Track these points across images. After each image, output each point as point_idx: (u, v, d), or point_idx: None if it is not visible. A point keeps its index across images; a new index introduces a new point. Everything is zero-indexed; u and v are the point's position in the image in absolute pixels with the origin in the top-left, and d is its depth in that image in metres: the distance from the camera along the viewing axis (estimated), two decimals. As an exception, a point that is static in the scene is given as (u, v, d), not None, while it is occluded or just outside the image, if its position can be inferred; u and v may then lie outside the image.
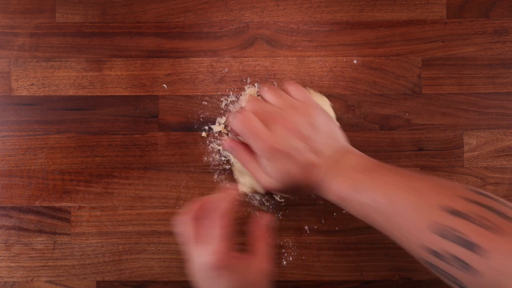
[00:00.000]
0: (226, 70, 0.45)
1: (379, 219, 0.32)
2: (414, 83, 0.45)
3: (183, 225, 0.35)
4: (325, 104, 0.43)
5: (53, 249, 0.45)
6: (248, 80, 0.45)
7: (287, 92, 0.39)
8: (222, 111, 0.45)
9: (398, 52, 0.45)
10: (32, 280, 0.45)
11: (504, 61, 0.45)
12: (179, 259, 0.45)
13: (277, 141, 0.35)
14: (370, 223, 0.34)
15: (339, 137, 0.38)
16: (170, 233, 0.45)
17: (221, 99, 0.45)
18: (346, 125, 0.45)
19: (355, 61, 0.45)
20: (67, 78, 0.45)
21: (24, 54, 0.46)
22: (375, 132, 0.45)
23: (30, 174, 0.45)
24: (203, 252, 0.33)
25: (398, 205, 0.31)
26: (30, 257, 0.45)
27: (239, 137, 0.41)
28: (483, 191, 0.30)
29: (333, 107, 0.44)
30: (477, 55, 0.45)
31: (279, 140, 0.35)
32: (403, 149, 0.45)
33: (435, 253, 0.28)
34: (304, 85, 0.45)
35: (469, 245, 0.27)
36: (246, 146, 0.38)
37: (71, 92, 0.45)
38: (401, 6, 0.46)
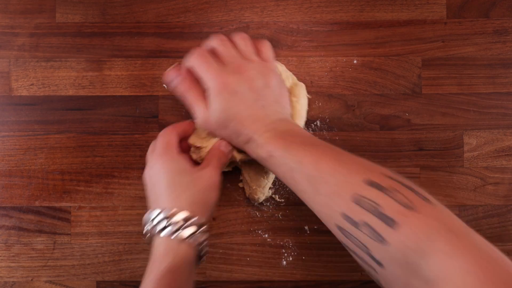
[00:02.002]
0: (226, 70, 0.45)
1: (304, 185, 0.33)
2: (414, 83, 0.45)
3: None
4: (293, 80, 0.44)
5: (53, 249, 0.45)
6: (248, 80, 0.45)
7: (256, 45, 0.39)
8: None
9: (398, 52, 0.45)
10: (32, 280, 0.45)
11: (504, 61, 0.45)
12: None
13: (227, 78, 0.36)
14: (292, 186, 0.35)
15: (285, 107, 0.39)
16: (170, 233, 0.45)
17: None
18: (346, 125, 0.45)
19: (355, 61, 0.45)
20: (67, 78, 0.45)
21: (24, 54, 0.46)
22: (375, 132, 0.45)
23: (30, 174, 0.45)
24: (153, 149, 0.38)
25: (325, 173, 0.32)
26: (30, 257, 0.45)
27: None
28: (403, 176, 0.31)
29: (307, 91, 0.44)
30: (477, 55, 0.45)
31: (230, 78, 0.36)
32: (403, 149, 0.45)
33: (353, 222, 0.30)
34: (305, 85, 0.45)
35: (383, 217, 0.28)
36: (193, 78, 0.38)
37: (71, 92, 0.45)
38: (401, 6, 0.46)
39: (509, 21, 0.45)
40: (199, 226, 0.35)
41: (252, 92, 0.36)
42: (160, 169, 0.37)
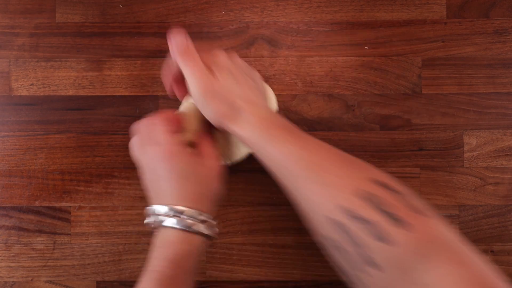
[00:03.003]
0: (226, 70, 0.45)
1: (298, 168, 0.31)
2: (414, 83, 0.45)
3: (140, 128, 0.38)
4: (267, 89, 0.44)
5: (53, 249, 0.45)
6: (248, 80, 0.45)
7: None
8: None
9: (398, 52, 0.45)
10: (32, 280, 0.45)
11: (504, 61, 0.45)
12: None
13: (215, 79, 0.35)
14: (279, 168, 0.33)
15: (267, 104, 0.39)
16: (170, 233, 0.45)
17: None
18: (346, 125, 0.45)
19: (355, 61, 0.45)
20: (67, 78, 0.45)
21: (24, 54, 0.46)
22: (375, 132, 0.45)
23: (30, 174, 0.45)
24: (151, 147, 0.36)
25: (327, 163, 0.31)
26: (30, 257, 0.45)
27: None
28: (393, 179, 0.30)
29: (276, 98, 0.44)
30: (477, 55, 0.45)
31: (229, 64, 0.36)
32: (403, 149, 0.45)
33: (352, 215, 0.28)
34: (305, 85, 0.45)
35: (391, 216, 0.27)
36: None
37: (71, 92, 0.45)
38: (401, 6, 0.46)
39: (509, 21, 0.45)
40: (207, 219, 0.34)
41: (239, 86, 0.36)
42: (161, 162, 0.35)
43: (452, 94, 0.45)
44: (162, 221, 0.34)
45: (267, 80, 0.45)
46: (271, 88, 0.44)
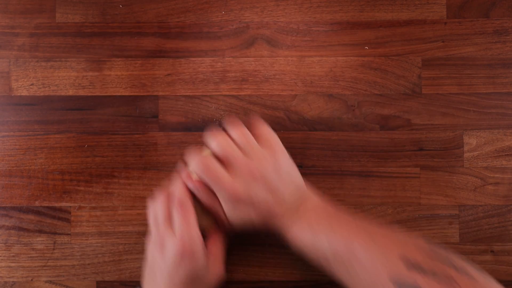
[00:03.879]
0: (226, 70, 0.45)
1: (337, 267, 0.32)
2: (414, 83, 0.45)
3: (156, 207, 0.36)
4: None
5: (53, 249, 0.45)
6: (249, 80, 0.45)
7: (252, 129, 0.38)
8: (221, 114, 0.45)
9: (398, 52, 0.45)
10: (32, 280, 0.45)
11: (504, 61, 0.45)
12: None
13: (239, 188, 0.35)
14: (328, 271, 0.33)
15: (300, 182, 0.38)
16: (170, 233, 0.45)
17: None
18: (346, 125, 0.45)
19: (355, 61, 0.45)
20: (67, 78, 0.45)
21: (24, 54, 0.46)
22: (375, 132, 0.45)
23: (30, 174, 0.45)
24: (172, 238, 0.34)
25: (359, 253, 0.30)
26: (30, 257, 0.45)
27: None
28: (437, 246, 0.30)
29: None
30: (477, 55, 0.45)
31: (242, 187, 0.35)
32: (403, 149, 0.45)
33: None
34: (305, 85, 0.45)
35: None
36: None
37: (71, 92, 0.45)
38: (401, 6, 0.46)
39: (509, 21, 0.45)
40: None
41: (267, 192, 0.35)
42: (175, 263, 0.34)
43: (452, 94, 0.45)
44: None
45: (267, 80, 0.45)
46: (273, 84, 0.44)
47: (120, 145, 0.45)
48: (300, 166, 0.45)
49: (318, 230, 0.33)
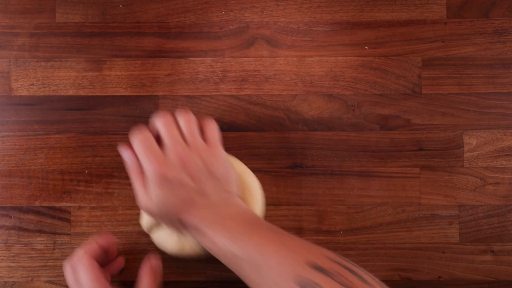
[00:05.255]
0: (226, 70, 0.45)
1: (248, 271, 0.33)
2: (414, 83, 0.45)
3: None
4: (245, 171, 0.42)
5: (53, 249, 0.45)
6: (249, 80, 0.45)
7: (201, 126, 0.38)
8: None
9: (398, 52, 0.45)
10: (32, 280, 0.45)
11: (504, 61, 0.45)
12: (179, 259, 0.45)
13: (168, 168, 0.35)
14: (240, 275, 0.34)
15: (229, 188, 0.38)
16: (170, 233, 0.45)
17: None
18: (346, 125, 0.45)
19: (355, 61, 0.45)
20: (67, 78, 0.45)
21: (24, 54, 0.46)
22: (375, 132, 0.45)
23: (30, 174, 0.45)
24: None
25: (268, 257, 0.32)
26: (30, 257, 0.45)
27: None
28: (344, 258, 0.32)
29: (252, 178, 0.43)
30: (477, 55, 0.45)
31: (171, 168, 0.35)
32: (403, 149, 0.45)
33: None
34: (305, 85, 0.45)
35: None
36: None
37: (71, 92, 0.45)
38: (401, 6, 0.46)
39: (509, 21, 0.45)
40: None
41: (193, 181, 0.36)
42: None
43: (452, 94, 0.45)
44: None
45: (267, 80, 0.45)
46: (273, 84, 0.44)
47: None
48: (300, 166, 0.45)
49: (234, 236, 0.34)
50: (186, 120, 0.38)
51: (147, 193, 0.36)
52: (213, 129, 0.39)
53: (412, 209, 0.45)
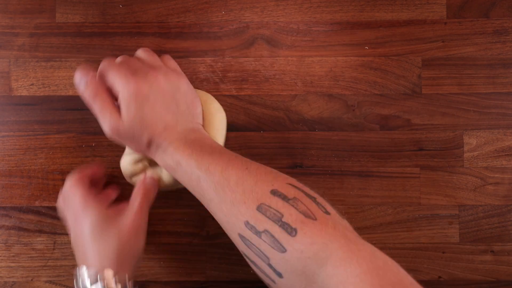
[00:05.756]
0: (226, 70, 0.45)
1: (209, 191, 0.33)
2: (414, 83, 0.45)
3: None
4: (213, 103, 0.43)
5: (53, 249, 0.45)
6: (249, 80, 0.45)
7: (163, 61, 0.39)
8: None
9: (398, 52, 0.45)
10: (32, 280, 0.45)
11: (504, 61, 0.45)
12: (179, 259, 0.45)
13: (144, 84, 0.35)
14: (199, 195, 0.34)
15: (196, 116, 0.39)
16: (170, 233, 0.45)
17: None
18: (346, 125, 0.45)
19: (355, 61, 0.45)
20: (67, 78, 0.45)
21: (24, 54, 0.46)
22: (375, 132, 0.45)
23: (30, 174, 0.45)
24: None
25: (232, 181, 0.32)
26: (30, 257, 0.45)
27: None
28: (309, 188, 0.32)
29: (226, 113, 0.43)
30: (477, 55, 0.45)
31: (147, 85, 0.35)
32: (403, 149, 0.45)
33: (255, 230, 0.30)
34: (305, 85, 0.45)
35: (284, 225, 0.29)
36: (102, 82, 0.37)
37: (71, 92, 0.45)
38: (401, 6, 0.46)
39: (509, 21, 0.45)
40: (125, 280, 0.36)
41: (163, 98, 0.36)
42: (81, 227, 0.37)
43: (452, 94, 0.45)
44: (86, 285, 0.36)
45: (266, 80, 0.45)
46: (273, 84, 0.44)
47: (120, 145, 0.45)
48: (300, 166, 0.45)
49: (200, 156, 0.34)
50: (144, 50, 0.39)
51: (116, 114, 0.35)
52: (170, 58, 0.40)
53: (412, 209, 0.45)
